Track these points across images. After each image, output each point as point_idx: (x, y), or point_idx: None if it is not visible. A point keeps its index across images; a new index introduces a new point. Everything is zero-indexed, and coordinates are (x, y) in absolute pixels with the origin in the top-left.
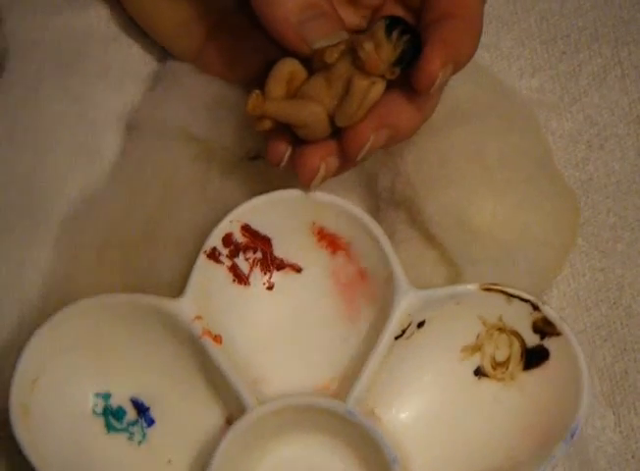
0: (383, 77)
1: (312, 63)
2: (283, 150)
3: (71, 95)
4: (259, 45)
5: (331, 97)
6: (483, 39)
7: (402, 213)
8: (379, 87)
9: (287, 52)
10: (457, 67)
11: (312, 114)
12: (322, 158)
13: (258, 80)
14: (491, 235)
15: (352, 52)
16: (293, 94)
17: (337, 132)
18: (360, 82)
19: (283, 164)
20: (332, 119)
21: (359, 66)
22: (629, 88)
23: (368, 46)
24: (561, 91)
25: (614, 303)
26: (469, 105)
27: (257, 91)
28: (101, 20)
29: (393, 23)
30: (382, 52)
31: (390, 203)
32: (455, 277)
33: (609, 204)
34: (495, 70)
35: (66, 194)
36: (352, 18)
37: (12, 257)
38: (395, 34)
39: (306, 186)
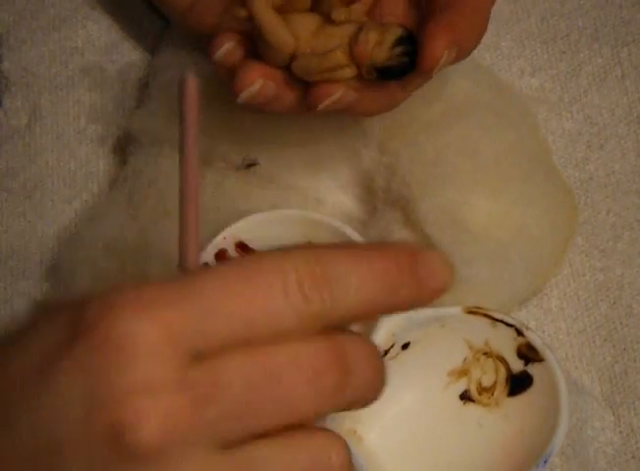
0: (359, 68)
1: (319, 2)
2: (227, 47)
3: (69, 114)
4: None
5: (309, 44)
6: (483, 39)
7: (398, 213)
8: (349, 72)
9: None
10: (462, 52)
11: (281, 41)
12: (262, 76)
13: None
14: (486, 233)
15: (357, 27)
16: (284, 12)
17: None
18: (339, 56)
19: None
20: (293, 57)
21: (351, 43)
22: (629, 88)
23: (372, 36)
24: (561, 91)
25: (614, 303)
26: (465, 102)
27: None
28: (94, 34)
29: (406, 39)
30: (376, 51)
31: (386, 203)
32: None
33: (608, 204)
34: (495, 70)
35: (65, 216)
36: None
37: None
38: (398, 49)
39: (235, 97)
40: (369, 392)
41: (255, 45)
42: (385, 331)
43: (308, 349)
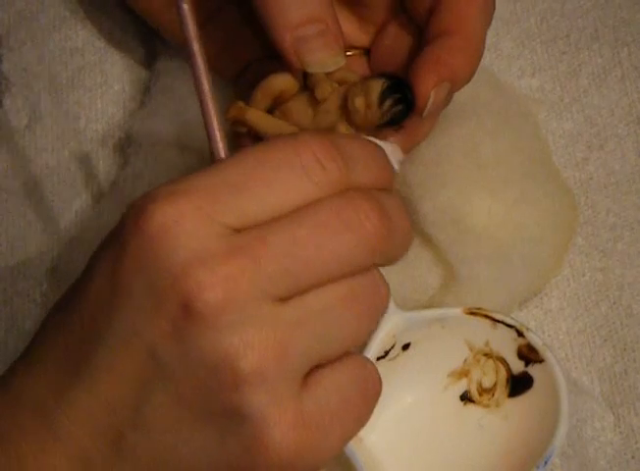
0: (366, 131)
1: (305, 78)
2: None
3: (69, 114)
4: (249, 41)
5: (312, 127)
6: None
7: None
8: None
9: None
10: (455, 85)
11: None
12: None
13: (245, 76)
14: (487, 233)
15: (344, 95)
16: (277, 106)
17: None
18: (343, 130)
19: None
20: None
21: (346, 113)
22: (629, 89)
23: (359, 103)
24: (561, 91)
25: (614, 303)
26: (465, 103)
27: (241, 103)
28: (94, 34)
29: (390, 88)
30: (370, 114)
31: None
32: (451, 277)
33: (608, 204)
34: (495, 70)
35: (65, 216)
36: (356, 34)
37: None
38: (387, 103)
39: None
40: (406, 242)
41: None
42: (385, 331)
43: (347, 201)
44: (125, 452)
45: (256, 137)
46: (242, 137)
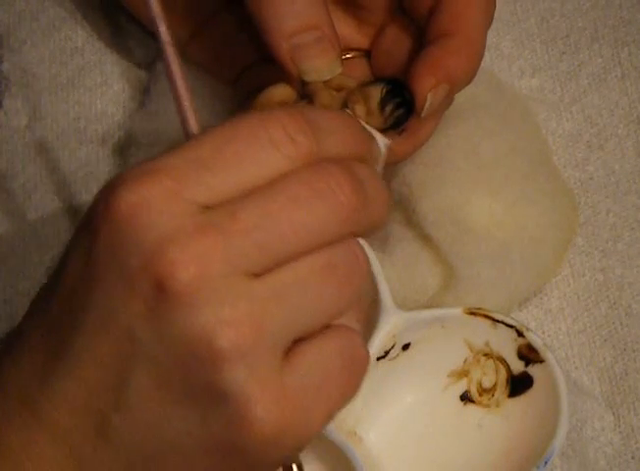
0: None
1: (302, 86)
2: None
3: (69, 114)
4: (246, 45)
5: None
6: None
7: (398, 213)
8: None
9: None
10: (455, 87)
11: None
12: None
13: (242, 80)
14: (487, 234)
15: (343, 105)
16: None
17: None
18: None
19: None
20: None
21: None
22: (629, 89)
23: (359, 110)
24: (561, 91)
25: (614, 303)
26: (465, 103)
27: None
28: (94, 34)
29: (390, 93)
30: (371, 119)
31: None
32: (451, 277)
33: (608, 204)
34: (495, 70)
35: (66, 217)
36: (355, 36)
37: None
38: (388, 109)
39: None
40: (383, 211)
41: None
42: (385, 332)
43: (318, 171)
44: (109, 436)
45: None
46: None
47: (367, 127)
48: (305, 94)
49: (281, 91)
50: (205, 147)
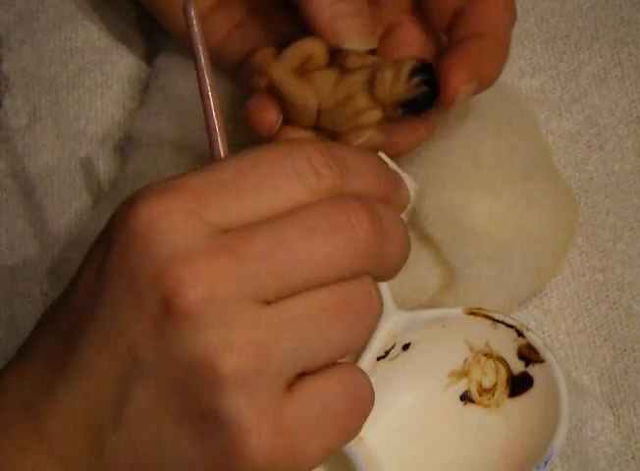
0: (384, 109)
1: (334, 54)
2: (272, 118)
3: (69, 114)
4: (253, 31)
5: (331, 96)
6: None
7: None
8: (375, 114)
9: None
10: (482, 85)
11: (304, 99)
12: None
13: (246, 66)
14: (487, 234)
15: (372, 70)
16: (302, 73)
17: (318, 128)
18: (361, 101)
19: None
20: (319, 114)
21: (370, 86)
22: (629, 89)
23: (387, 75)
24: (561, 91)
25: (614, 303)
26: (465, 103)
27: (272, 51)
28: (94, 34)
29: (422, 68)
30: (395, 87)
31: None
32: (451, 277)
33: (608, 204)
34: None
35: (65, 216)
36: None
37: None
38: (415, 80)
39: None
40: (402, 254)
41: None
42: (385, 331)
43: (338, 204)
44: (105, 453)
45: (272, 93)
46: (258, 93)
47: (399, 170)
48: (335, 64)
49: (315, 44)
50: (229, 170)
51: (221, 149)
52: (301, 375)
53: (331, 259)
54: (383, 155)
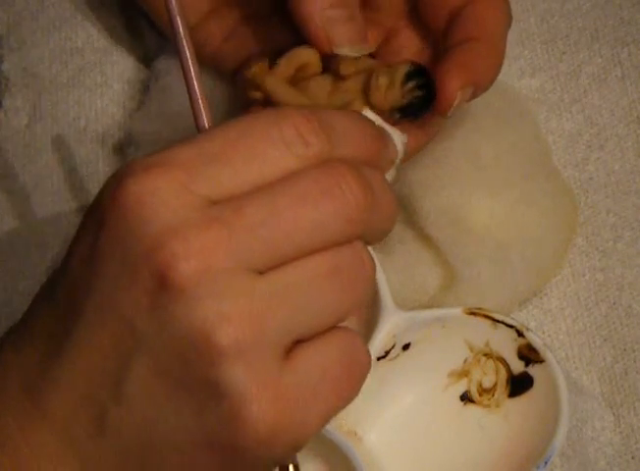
0: (381, 114)
1: (328, 61)
2: None
3: (69, 114)
4: (251, 35)
5: (327, 104)
6: None
7: (399, 213)
8: None
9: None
10: (478, 90)
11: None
12: None
13: (241, 73)
14: (487, 234)
15: (367, 76)
16: (297, 82)
17: None
18: (357, 108)
19: None
20: None
21: (366, 92)
22: (629, 89)
23: (382, 81)
24: (561, 91)
25: (614, 303)
26: (465, 105)
27: (265, 64)
28: (94, 34)
29: (416, 72)
30: (390, 93)
31: None
32: (451, 277)
33: (608, 204)
34: None
35: (66, 217)
36: None
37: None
38: (410, 85)
39: None
40: (391, 216)
41: None
42: (385, 332)
43: (327, 171)
44: (107, 428)
45: (269, 105)
46: (255, 104)
47: (384, 124)
48: (329, 69)
49: (309, 53)
50: (216, 142)
51: (205, 120)
52: (298, 342)
53: (322, 225)
54: (369, 112)
